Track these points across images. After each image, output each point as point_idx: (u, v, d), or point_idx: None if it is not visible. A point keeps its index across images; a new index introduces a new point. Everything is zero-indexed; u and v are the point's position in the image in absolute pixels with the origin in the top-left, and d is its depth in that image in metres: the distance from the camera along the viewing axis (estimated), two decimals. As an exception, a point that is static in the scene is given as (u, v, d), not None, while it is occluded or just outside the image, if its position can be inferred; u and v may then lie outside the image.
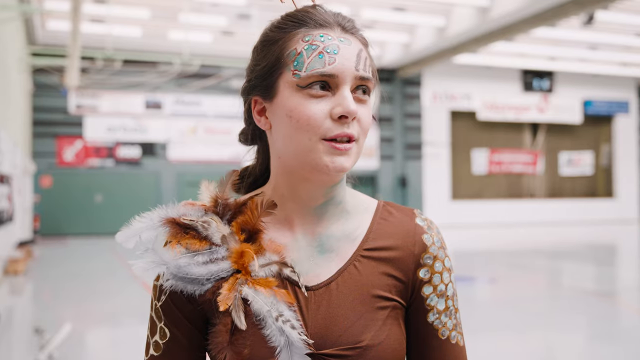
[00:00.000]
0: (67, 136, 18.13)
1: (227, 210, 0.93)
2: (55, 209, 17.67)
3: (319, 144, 0.87)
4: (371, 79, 0.90)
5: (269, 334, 0.86)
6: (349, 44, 0.89)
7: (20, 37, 13.83)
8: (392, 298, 0.92)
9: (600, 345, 5.74)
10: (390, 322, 0.91)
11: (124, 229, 0.91)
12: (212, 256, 0.89)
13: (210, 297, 0.88)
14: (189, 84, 18.53)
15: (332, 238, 0.95)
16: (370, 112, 0.92)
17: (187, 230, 0.90)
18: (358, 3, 15.21)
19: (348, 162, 0.88)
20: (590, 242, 16.61)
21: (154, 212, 0.92)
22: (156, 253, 0.89)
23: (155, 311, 0.94)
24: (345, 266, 0.93)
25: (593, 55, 20.36)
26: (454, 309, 0.96)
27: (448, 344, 0.95)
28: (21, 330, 6.65)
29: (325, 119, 0.87)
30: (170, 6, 15.05)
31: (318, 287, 0.91)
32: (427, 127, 21.98)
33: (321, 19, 0.90)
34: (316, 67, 0.86)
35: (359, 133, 0.90)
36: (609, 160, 25.10)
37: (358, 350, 0.88)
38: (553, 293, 8.70)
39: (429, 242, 0.95)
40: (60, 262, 12.07)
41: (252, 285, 0.88)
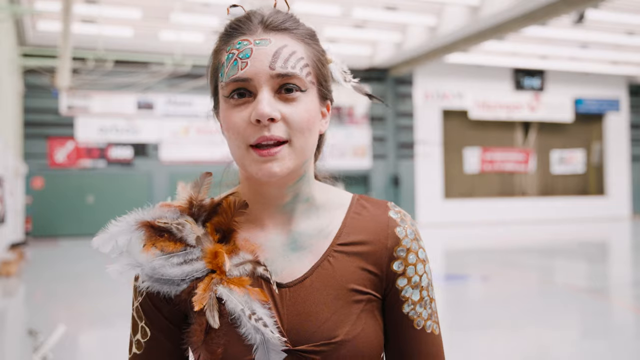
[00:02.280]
0: (58, 137, 18.05)
1: (202, 211, 0.95)
2: (47, 211, 17.60)
3: (247, 152, 0.89)
4: (296, 75, 0.88)
5: (244, 332, 0.87)
6: (266, 45, 0.88)
7: (10, 38, 13.76)
8: (367, 292, 0.93)
9: (592, 341, 5.77)
10: (366, 316, 0.92)
11: (100, 234, 0.93)
12: (187, 257, 0.90)
13: (186, 297, 0.89)
14: (180, 84, 18.49)
15: (304, 235, 0.95)
16: (306, 108, 0.89)
17: (161, 232, 0.92)
18: (349, 2, 15.22)
19: (278, 167, 0.87)
20: (582, 239, 16.69)
21: (129, 215, 0.94)
22: (130, 255, 0.91)
23: (136, 311, 0.96)
24: (319, 262, 0.94)
25: (584, 53, 20.46)
26: (429, 299, 0.97)
27: (423, 334, 0.96)
28: (14, 332, 6.62)
29: (248, 126, 0.87)
30: (162, 6, 15.02)
31: (293, 284, 0.92)
32: (420, 126, 22.02)
33: (245, 26, 0.91)
34: (231, 74, 0.88)
35: (290, 134, 0.87)
36: (600, 158, 25.22)
37: (333, 346, 0.89)
38: (545, 290, 8.74)
39: (402, 235, 0.96)
40: (52, 264, 12.02)
41: (227, 285, 0.89)
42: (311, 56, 0.92)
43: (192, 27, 16.40)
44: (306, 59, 0.90)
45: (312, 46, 0.93)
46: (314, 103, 0.91)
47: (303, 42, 0.91)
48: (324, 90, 0.95)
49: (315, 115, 0.91)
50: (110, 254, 0.92)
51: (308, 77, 0.90)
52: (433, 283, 1.00)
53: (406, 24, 17.26)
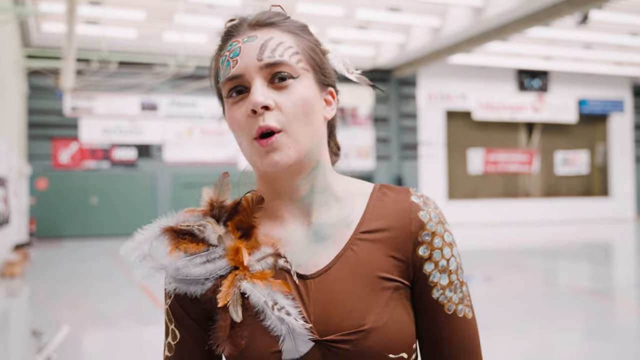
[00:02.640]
0: (62, 138, 18.10)
1: (224, 212, 0.96)
2: (51, 211, 17.64)
3: (251, 145, 0.91)
4: (284, 62, 0.89)
5: (270, 324, 0.88)
6: (253, 40, 0.91)
7: (15, 39, 13.80)
8: (394, 279, 0.92)
9: (596, 343, 5.76)
10: (394, 304, 0.91)
11: (127, 242, 0.94)
12: (210, 256, 0.92)
13: (211, 295, 0.91)
14: (184, 85, 18.51)
15: (326, 226, 0.95)
16: (300, 94, 0.90)
17: (183, 235, 0.94)
18: (353, 3, 15.22)
19: (279, 156, 0.88)
20: (585, 240, 16.65)
21: (154, 223, 0.95)
22: (154, 259, 0.92)
23: (166, 313, 0.98)
24: (342, 251, 0.93)
25: (587, 54, 20.42)
26: (458, 283, 0.96)
27: (455, 318, 0.95)
28: (18, 332, 6.64)
29: (247, 119, 0.90)
30: (166, 7, 15.05)
31: (317, 275, 0.93)
32: (423, 127, 22.01)
33: (234, 29, 0.94)
34: (225, 74, 0.91)
35: (284, 122, 0.89)
36: (604, 159, 25.17)
37: (361, 334, 0.88)
38: (549, 291, 8.72)
39: (426, 219, 0.95)
40: (56, 264, 12.05)
41: (250, 280, 0.90)
42: (301, 45, 0.93)
43: (196, 28, 16.42)
44: (295, 47, 0.92)
45: (301, 36, 0.95)
46: (310, 89, 0.92)
47: (291, 33, 0.93)
48: (322, 76, 0.96)
49: (312, 101, 0.92)
50: (135, 259, 0.93)
51: (299, 63, 0.91)
52: (462, 266, 0.99)
53: (409, 25, 17.26)
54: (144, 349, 5.85)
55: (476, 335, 0.97)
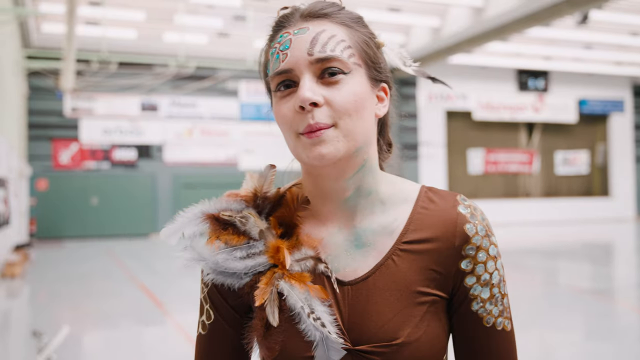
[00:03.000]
0: (62, 139, 18.10)
1: (267, 202, 0.95)
2: (51, 212, 17.64)
3: (297, 140, 0.88)
4: (336, 57, 0.86)
5: (304, 329, 0.88)
6: (304, 32, 0.87)
7: (15, 40, 13.81)
8: (431, 293, 0.91)
9: (596, 343, 5.75)
10: (429, 318, 0.90)
11: (168, 225, 0.94)
12: (250, 251, 0.91)
13: (248, 290, 0.91)
14: (184, 85, 18.52)
15: (368, 231, 0.94)
16: (351, 90, 0.87)
17: (225, 226, 0.93)
18: (352, 4, 15.22)
19: (327, 149, 0.85)
20: (586, 240, 16.65)
21: (195, 207, 0.94)
22: (195, 250, 0.92)
23: (203, 294, 0.99)
24: (382, 260, 0.92)
25: (588, 54, 20.41)
26: (500, 296, 0.94)
27: (493, 331, 0.93)
28: (19, 333, 6.64)
29: (295, 115, 0.87)
30: (166, 8, 15.05)
31: (355, 282, 0.91)
32: (423, 127, 22.01)
33: (286, 20, 0.91)
34: (274, 68, 0.89)
35: (335, 117, 0.86)
36: (605, 159, 25.16)
37: (394, 347, 0.87)
38: (549, 292, 8.72)
39: (472, 232, 0.92)
40: (56, 265, 12.05)
41: (288, 280, 0.90)
42: (355, 38, 0.90)
43: (196, 28, 16.43)
44: (348, 41, 0.89)
45: (355, 29, 0.91)
46: (362, 85, 0.89)
47: (345, 26, 0.90)
48: (375, 72, 0.93)
49: (363, 97, 0.89)
50: (175, 247, 0.94)
51: (351, 58, 0.88)
52: (505, 278, 0.97)
53: (410, 25, 17.26)
54: (144, 349, 5.85)
55: (514, 348, 0.96)
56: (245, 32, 15.92)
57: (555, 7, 13.80)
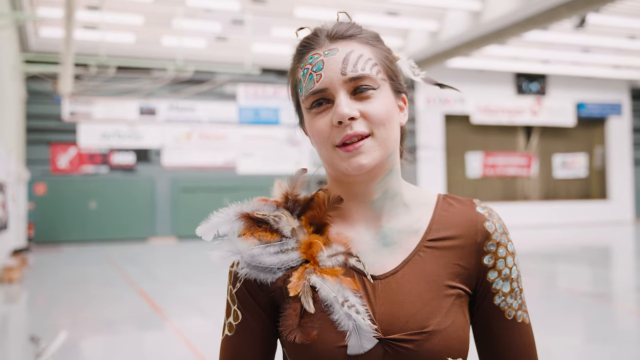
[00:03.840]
0: (60, 143, 18.08)
1: (297, 205, 1.01)
2: (49, 216, 17.61)
3: (334, 152, 0.95)
4: (367, 75, 0.94)
5: (337, 319, 0.92)
6: (334, 54, 0.95)
7: (13, 44, 13.80)
8: (457, 286, 0.97)
9: (595, 346, 5.75)
10: (455, 310, 0.95)
11: (203, 223, 0.99)
12: (283, 247, 0.97)
13: (280, 284, 0.96)
14: (183, 89, 18.52)
15: (394, 231, 1.00)
16: (382, 103, 0.95)
17: (259, 223, 0.98)
18: (351, 8, 15.24)
19: (366, 159, 0.93)
20: (585, 244, 16.65)
21: (230, 207, 1.00)
22: (232, 243, 0.96)
23: (231, 296, 1.02)
24: (409, 257, 0.98)
25: (586, 58, 20.45)
26: (518, 290, 1.03)
27: (515, 324, 1.01)
28: (16, 338, 6.62)
29: (332, 129, 0.95)
30: (164, 12, 15.05)
31: (384, 277, 0.97)
32: (422, 130, 22.03)
33: (313, 42, 0.98)
34: (309, 87, 0.95)
35: (371, 127, 0.94)
36: (603, 162, 25.19)
37: (424, 335, 0.92)
38: (548, 295, 8.72)
39: (492, 229, 1.00)
40: (55, 270, 12.02)
41: (320, 274, 0.94)
42: (378, 56, 0.99)
43: (195, 32, 16.44)
44: (374, 59, 0.97)
45: (377, 47, 1.00)
46: (389, 97, 0.98)
47: (369, 45, 0.99)
48: (396, 84, 1.02)
49: (392, 108, 0.98)
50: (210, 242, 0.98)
51: (378, 75, 0.97)
52: (522, 274, 1.04)
53: (408, 29, 17.29)
54: (143, 354, 5.83)
55: (533, 340, 1.04)
56: (243, 36, 15.92)
57: (553, 11, 13.83)
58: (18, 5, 12.69)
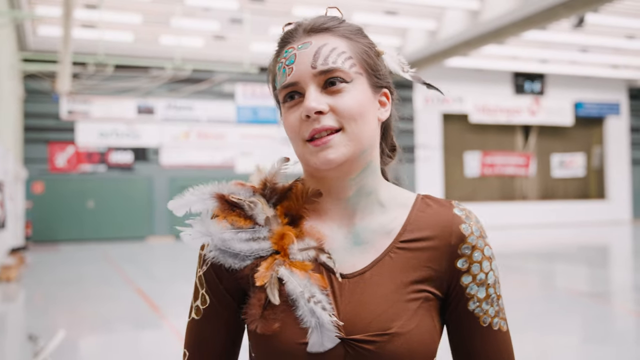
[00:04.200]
0: (58, 142, 18.06)
1: (274, 194, 0.99)
2: (47, 215, 17.58)
3: (304, 147, 0.93)
4: (337, 68, 0.92)
5: (300, 315, 0.90)
6: (307, 47, 0.94)
7: (11, 43, 13.78)
8: (426, 289, 0.94)
9: (594, 346, 5.75)
10: (422, 313, 0.93)
11: (176, 198, 0.98)
12: (255, 235, 0.95)
13: (248, 272, 0.93)
14: (181, 88, 18.50)
15: (367, 230, 0.97)
16: (354, 97, 0.92)
17: (234, 208, 0.96)
18: (349, 7, 15.24)
19: (334, 154, 0.91)
20: (582, 243, 16.67)
21: (206, 186, 0.99)
22: (204, 224, 0.95)
23: (199, 278, 1.00)
24: (380, 257, 0.95)
25: (584, 57, 20.47)
26: (495, 296, 0.98)
27: (490, 331, 0.97)
28: (14, 337, 6.61)
29: (301, 123, 0.93)
30: (162, 11, 15.04)
31: (353, 276, 0.95)
32: (420, 130, 22.04)
33: (290, 36, 0.97)
34: (282, 81, 0.95)
35: (341, 122, 0.91)
36: (601, 162, 25.22)
37: (386, 337, 0.90)
38: (546, 295, 8.72)
39: (467, 232, 0.96)
40: (52, 269, 12.01)
41: (289, 267, 0.93)
42: (355, 49, 0.96)
43: (193, 31, 16.43)
44: (349, 52, 0.95)
45: (355, 40, 0.98)
46: (364, 92, 0.95)
47: (345, 38, 0.97)
48: (375, 79, 0.98)
49: (365, 103, 0.94)
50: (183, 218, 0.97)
51: (352, 68, 0.94)
52: (500, 280, 1.01)
53: (406, 28, 17.29)
54: (140, 353, 5.83)
55: (510, 348, 0.99)
56: (241, 35, 15.91)
57: (552, 10, 13.84)
58: (16, 3, 12.67)
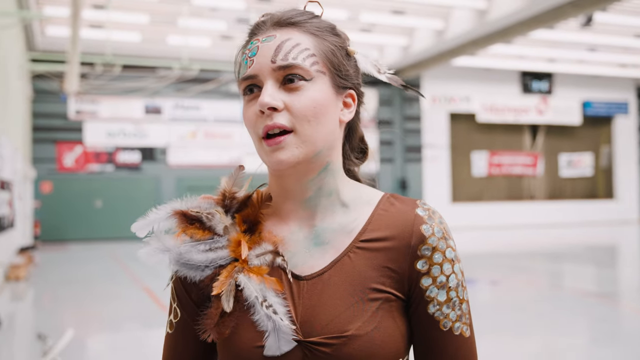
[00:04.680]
0: (66, 142, 18.15)
1: (235, 203, 0.98)
2: (55, 215, 17.68)
3: (260, 144, 0.93)
4: (297, 65, 0.90)
5: (257, 319, 0.90)
6: (270, 40, 0.91)
7: (19, 43, 13.85)
8: (385, 290, 0.92)
9: (601, 347, 5.73)
10: (382, 315, 0.90)
11: (140, 220, 0.98)
12: (213, 245, 0.94)
13: (209, 282, 0.93)
14: (188, 88, 18.55)
15: (327, 230, 0.96)
16: (310, 96, 0.90)
17: (192, 221, 0.96)
18: (357, 7, 15.24)
19: (284, 155, 0.89)
20: (590, 243, 16.60)
21: (168, 204, 0.98)
22: (160, 240, 0.95)
23: (171, 292, 1.01)
24: (339, 257, 0.94)
25: (592, 56, 20.39)
26: (457, 300, 0.94)
27: (450, 336, 0.93)
28: (23, 336, 6.65)
29: (257, 118, 0.91)
30: (169, 11, 15.08)
31: (311, 277, 0.93)
32: (427, 129, 22.00)
33: (258, 27, 0.95)
34: (242, 73, 0.94)
35: (294, 122, 0.89)
36: (609, 162, 25.11)
37: (343, 339, 0.88)
38: (554, 295, 8.70)
39: (428, 233, 0.93)
40: (61, 268, 12.07)
41: (247, 273, 0.92)
42: (320, 47, 0.94)
43: (200, 31, 16.46)
44: (312, 50, 0.92)
45: (322, 37, 0.95)
46: (323, 92, 0.92)
47: (311, 34, 0.94)
48: (339, 79, 0.95)
49: (323, 103, 0.91)
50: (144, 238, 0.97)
51: (314, 66, 0.91)
52: (465, 283, 0.97)
53: (413, 27, 17.27)
54: (148, 352, 5.85)
55: (473, 355, 0.96)
56: (248, 34, 15.91)
57: (560, 9, 13.79)
58: (24, 4, 12.74)
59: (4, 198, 9.30)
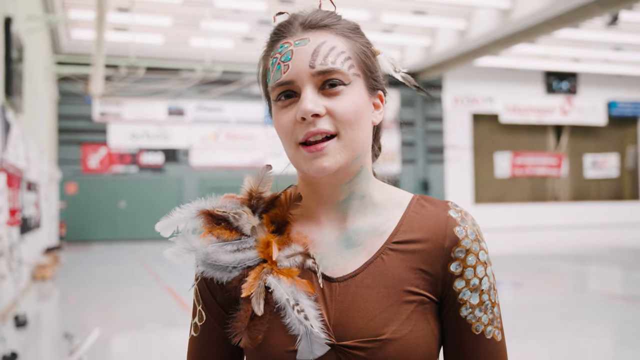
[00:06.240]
0: (91, 143, 18.37)
1: (261, 203, 0.96)
2: (80, 215, 17.91)
3: (297, 151, 0.90)
4: (336, 69, 0.88)
5: (289, 322, 0.88)
6: (305, 44, 0.89)
7: (45, 46, 14.06)
8: (420, 292, 0.90)
9: (628, 350, 5.65)
10: (416, 317, 0.89)
11: (164, 219, 0.97)
12: (241, 245, 0.92)
13: (236, 284, 0.91)
14: (210, 90, 18.67)
15: (359, 232, 0.94)
16: (351, 100, 0.89)
17: (219, 221, 0.94)
18: (378, 7, 15.21)
19: (328, 162, 0.87)
20: (616, 245, 16.37)
21: (192, 203, 0.96)
22: (187, 240, 0.93)
23: (195, 294, 0.99)
24: (372, 259, 0.92)
25: (617, 56, 20.11)
26: (490, 303, 0.93)
27: (482, 339, 0.92)
28: (49, 335, 6.75)
29: (295, 125, 0.88)
30: (192, 14, 15.20)
31: (343, 279, 0.91)
32: (449, 130, 21.87)
33: (286, 29, 0.92)
34: (276, 78, 0.90)
35: (337, 127, 0.88)
36: (635, 162, 24.73)
37: (378, 343, 0.86)
38: (579, 297, 8.59)
39: (462, 235, 0.92)
40: (85, 268, 12.22)
41: (276, 275, 0.90)
42: (353, 49, 0.92)
43: (222, 33, 16.56)
44: (348, 52, 0.91)
45: (354, 39, 0.93)
46: (361, 95, 0.91)
47: (344, 37, 0.92)
48: (372, 81, 0.94)
49: (362, 106, 0.90)
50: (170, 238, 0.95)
51: (351, 69, 0.90)
52: (496, 287, 0.95)
53: (435, 27, 17.19)
54: (171, 352, 5.90)
55: (504, 358, 0.95)
56: (270, 36, 15.96)
57: (585, 8, 13.62)
58: (50, 8, 12.93)
59: (31, 199, 9.44)
